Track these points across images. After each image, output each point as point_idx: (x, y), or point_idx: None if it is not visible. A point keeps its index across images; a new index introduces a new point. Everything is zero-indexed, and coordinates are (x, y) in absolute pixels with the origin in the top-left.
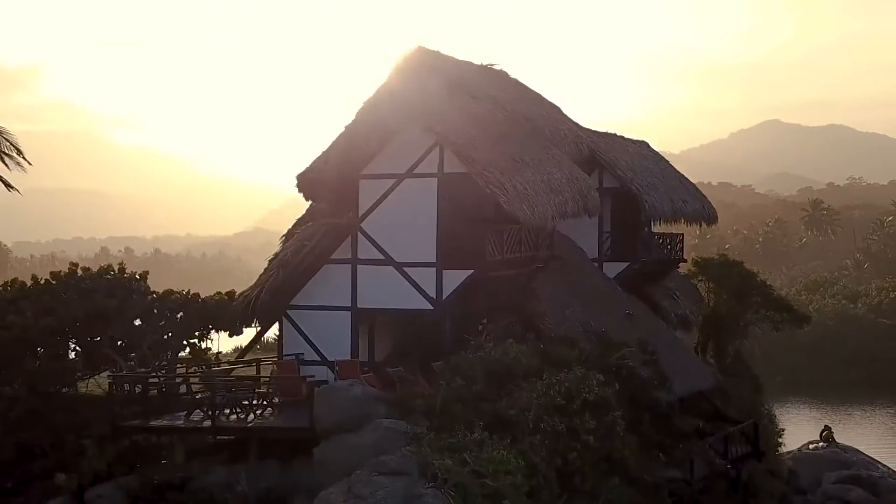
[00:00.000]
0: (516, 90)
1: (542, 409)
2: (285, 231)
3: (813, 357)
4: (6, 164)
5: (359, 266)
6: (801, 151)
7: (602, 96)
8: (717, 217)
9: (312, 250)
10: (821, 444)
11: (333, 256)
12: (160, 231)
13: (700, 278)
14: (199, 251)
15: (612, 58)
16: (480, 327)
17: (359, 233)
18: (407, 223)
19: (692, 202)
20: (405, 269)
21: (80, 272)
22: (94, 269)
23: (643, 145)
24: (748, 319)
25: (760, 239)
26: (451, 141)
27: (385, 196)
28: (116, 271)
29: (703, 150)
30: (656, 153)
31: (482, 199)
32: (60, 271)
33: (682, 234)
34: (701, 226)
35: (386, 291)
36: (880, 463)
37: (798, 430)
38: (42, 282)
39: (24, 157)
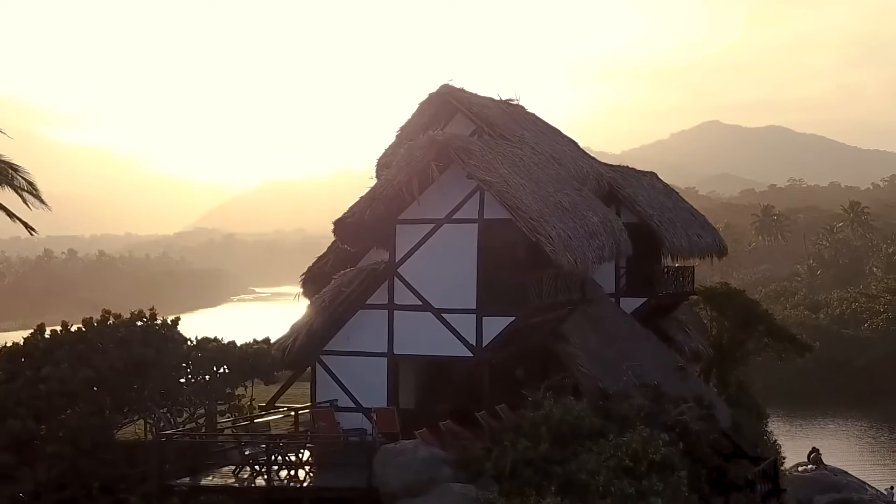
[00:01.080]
0: (536, 126)
1: (611, 471)
2: (231, 232)
3: (776, 369)
4: (28, 205)
5: (395, 311)
6: (741, 152)
7: (543, 95)
8: (727, 249)
9: (349, 296)
10: (809, 465)
11: (369, 301)
12: (98, 230)
13: (702, 307)
14: (141, 251)
15: (555, 57)
16: (543, 386)
17: (395, 278)
18: (445, 269)
19: (705, 236)
20: (443, 315)
21: (111, 319)
22: (37, 267)
23: (653, 177)
24: (751, 349)
25: None
26: (495, 188)
27: (423, 241)
28: (148, 317)
29: (645, 150)
30: (665, 185)
31: (522, 245)
32: (91, 317)
33: (693, 267)
34: (713, 259)
35: (423, 337)
36: (868, 484)
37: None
38: (73, 329)
39: (40, 199)
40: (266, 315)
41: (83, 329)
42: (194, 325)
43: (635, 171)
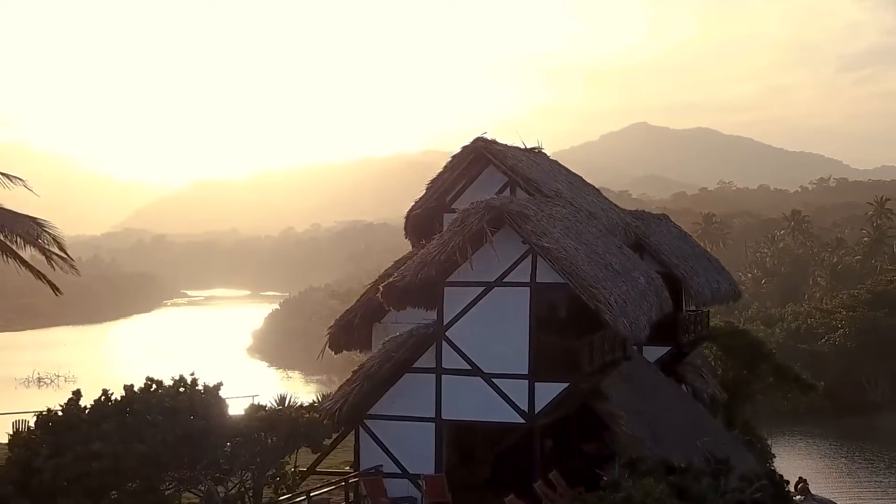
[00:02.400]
0: (562, 175)
1: None
2: (161, 233)
3: None
4: (53, 265)
5: (443, 375)
6: (669, 154)
7: (476, 96)
8: (741, 294)
9: (398, 360)
10: (797, 496)
11: (416, 365)
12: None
13: (707, 346)
14: (71, 253)
15: (497, 59)
16: (619, 464)
17: (444, 341)
18: (495, 333)
19: (723, 282)
20: (493, 380)
21: (153, 385)
22: None
23: (666, 220)
24: (757, 388)
25: None
26: (552, 254)
27: (472, 304)
28: (189, 383)
29: (575, 151)
30: (679, 228)
31: (574, 309)
32: (132, 385)
33: (709, 312)
34: (728, 304)
35: (472, 403)
36: None
37: None
38: (114, 398)
39: (67, 254)
40: (206, 321)
41: (127, 398)
42: (137, 333)
43: (651, 214)
